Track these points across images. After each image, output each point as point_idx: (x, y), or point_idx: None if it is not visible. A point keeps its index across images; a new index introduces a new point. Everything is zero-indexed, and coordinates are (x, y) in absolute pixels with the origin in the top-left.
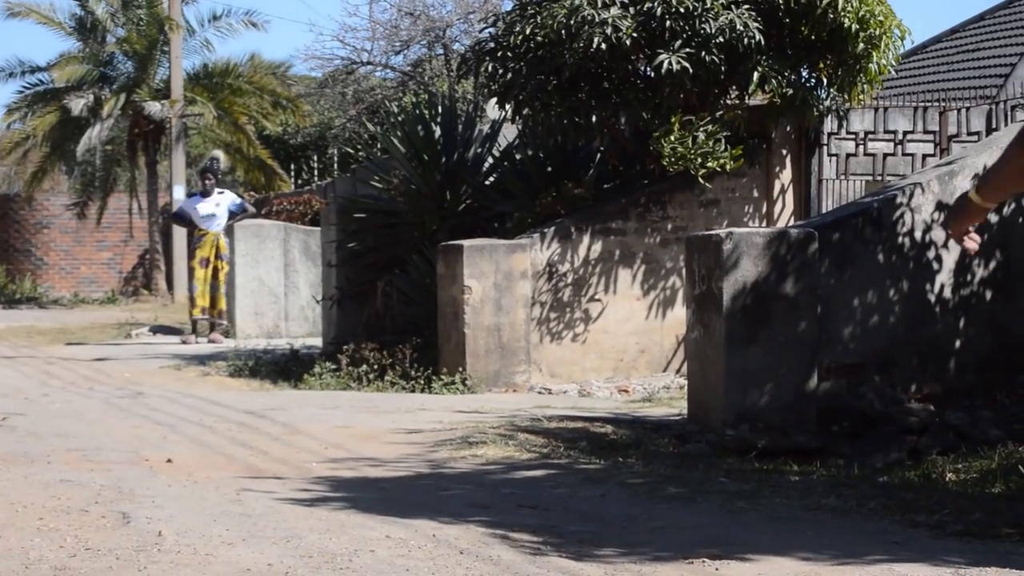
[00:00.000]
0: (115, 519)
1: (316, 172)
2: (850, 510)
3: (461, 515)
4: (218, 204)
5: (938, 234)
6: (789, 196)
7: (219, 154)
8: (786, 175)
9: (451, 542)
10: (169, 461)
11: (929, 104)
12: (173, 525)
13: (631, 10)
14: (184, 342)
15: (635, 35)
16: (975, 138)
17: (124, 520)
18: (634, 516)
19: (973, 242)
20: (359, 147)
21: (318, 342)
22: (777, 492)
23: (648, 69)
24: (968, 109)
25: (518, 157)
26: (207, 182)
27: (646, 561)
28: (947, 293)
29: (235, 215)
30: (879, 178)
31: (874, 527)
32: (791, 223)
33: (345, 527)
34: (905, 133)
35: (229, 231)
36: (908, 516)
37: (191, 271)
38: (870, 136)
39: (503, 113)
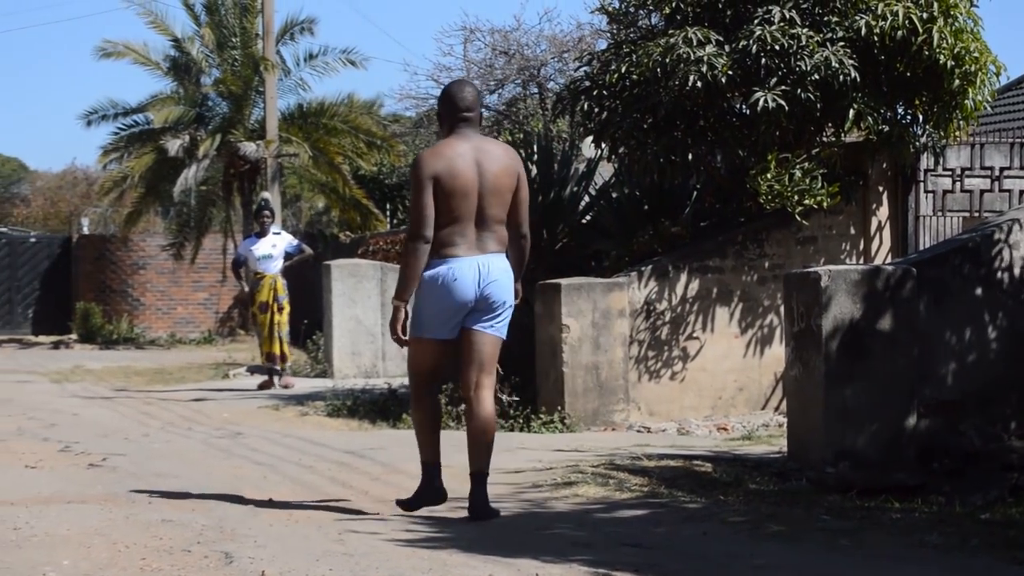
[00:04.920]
0: (217, 559)
1: None
2: (953, 548)
3: (563, 554)
4: (274, 245)
5: None
6: (886, 233)
7: (267, 195)
8: (883, 212)
9: None
10: (270, 501)
11: None
12: (276, 565)
13: (726, 48)
14: (261, 387)
15: (730, 73)
16: None
17: (227, 560)
18: (736, 554)
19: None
20: None
21: None
22: (879, 530)
23: (744, 107)
24: None
25: (614, 195)
26: (264, 221)
27: None
28: None
29: (291, 256)
30: (976, 214)
31: (978, 564)
32: (888, 260)
33: (448, 566)
34: (1002, 169)
35: (326, 271)
36: (1011, 553)
37: (252, 317)
38: (966, 172)
39: (599, 151)
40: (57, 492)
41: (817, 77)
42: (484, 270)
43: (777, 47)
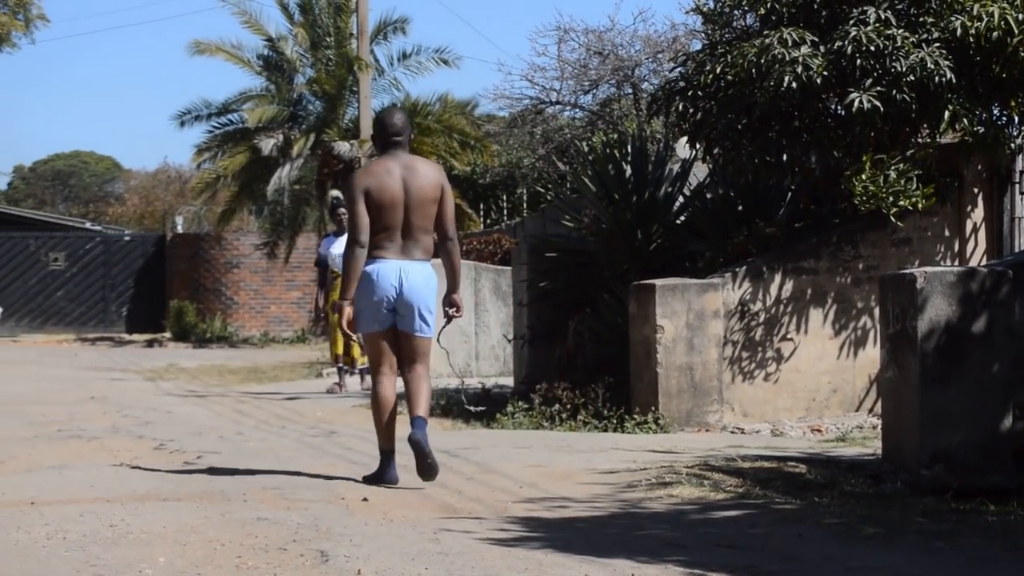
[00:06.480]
0: (313, 557)
1: (505, 211)
2: None
3: (658, 554)
4: None
5: None
6: (982, 234)
7: (337, 193)
8: (978, 213)
9: None
10: (365, 500)
11: None
12: (372, 564)
13: (821, 49)
14: (330, 391)
15: (825, 74)
16: None
17: (323, 559)
18: (832, 556)
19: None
20: (548, 186)
21: (509, 381)
22: (975, 532)
23: (839, 108)
24: None
25: (709, 196)
26: (341, 219)
27: None
28: None
29: None
30: None
31: None
32: (984, 262)
33: (543, 566)
34: None
35: None
36: None
37: (325, 316)
38: None
39: (693, 152)
40: (152, 490)
41: (912, 78)
42: (404, 274)
43: (872, 48)
